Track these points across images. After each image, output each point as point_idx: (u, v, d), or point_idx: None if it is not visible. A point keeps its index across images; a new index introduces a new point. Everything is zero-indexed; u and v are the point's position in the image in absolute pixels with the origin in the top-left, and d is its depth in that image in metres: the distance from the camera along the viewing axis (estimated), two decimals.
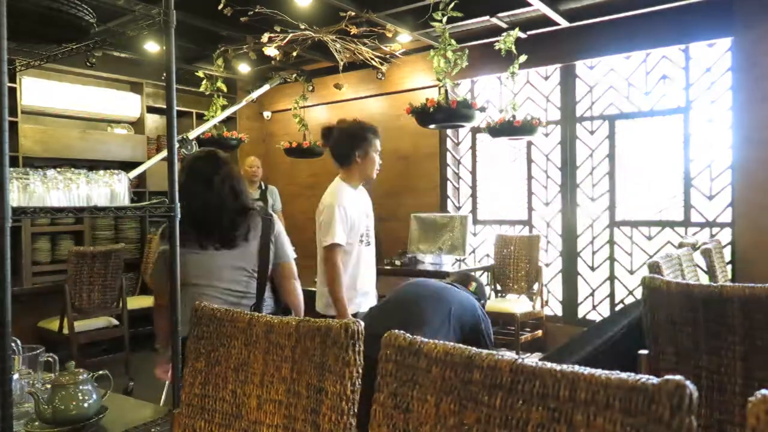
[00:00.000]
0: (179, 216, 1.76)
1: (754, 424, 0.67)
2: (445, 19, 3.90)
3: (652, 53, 4.72)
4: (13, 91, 4.99)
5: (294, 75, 4.97)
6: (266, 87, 4.82)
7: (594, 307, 5.06)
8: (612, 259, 4.95)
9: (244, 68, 5.84)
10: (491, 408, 0.89)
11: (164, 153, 3.71)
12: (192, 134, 3.83)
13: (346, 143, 2.75)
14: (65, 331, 4.19)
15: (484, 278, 5.63)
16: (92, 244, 5.51)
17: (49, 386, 1.49)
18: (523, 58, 4.43)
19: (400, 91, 5.83)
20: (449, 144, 5.83)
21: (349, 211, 2.65)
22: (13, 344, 1.47)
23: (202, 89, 5.26)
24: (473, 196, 5.74)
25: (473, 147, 5.72)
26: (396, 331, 1.06)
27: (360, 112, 6.28)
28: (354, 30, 4.46)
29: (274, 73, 4.78)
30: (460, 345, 0.97)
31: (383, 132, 6.71)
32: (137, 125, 6.10)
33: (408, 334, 1.05)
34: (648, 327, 1.76)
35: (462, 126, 4.76)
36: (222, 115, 4.75)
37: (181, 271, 1.76)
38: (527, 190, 5.37)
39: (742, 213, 4.24)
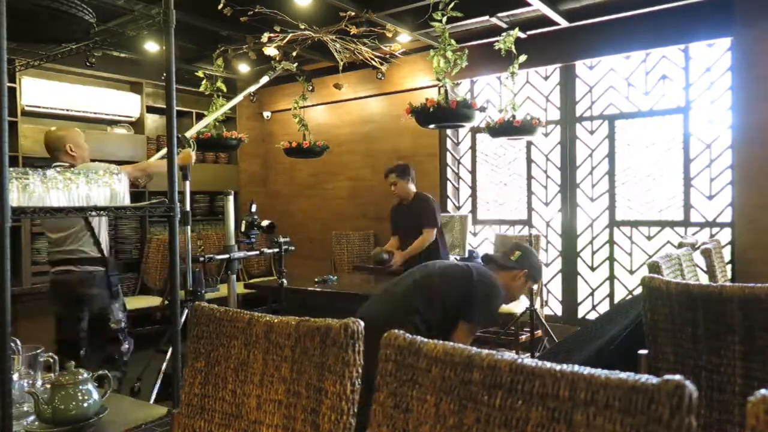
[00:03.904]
0: (179, 216, 1.76)
1: (753, 424, 0.67)
2: (444, 19, 3.89)
3: (652, 53, 4.72)
4: (13, 91, 4.98)
5: (295, 64, 4.91)
6: (265, 78, 4.80)
7: (594, 307, 5.06)
8: (612, 259, 4.95)
9: (244, 68, 5.84)
10: (491, 408, 0.89)
11: (163, 151, 3.70)
12: (189, 132, 3.82)
13: None
14: None
15: None
16: None
17: (49, 386, 1.49)
18: (522, 58, 4.43)
19: (400, 91, 5.83)
20: (449, 144, 5.83)
21: None
22: (12, 344, 1.47)
23: (202, 89, 5.26)
24: (473, 196, 5.74)
25: (473, 147, 5.72)
26: (396, 330, 1.06)
27: (360, 112, 6.30)
28: (354, 30, 4.46)
29: (275, 63, 4.74)
30: (460, 345, 0.97)
31: (383, 132, 6.72)
32: (137, 125, 6.10)
33: (408, 334, 1.05)
34: (648, 327, 1.76)
35: (462, 126, 4.76)
36: (219, 111, 4.72)
37: None
38: (527, 190, 5.37)
39: (741, 213, 4.24)
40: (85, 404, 1.45)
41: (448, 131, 5.73)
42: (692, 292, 1.65)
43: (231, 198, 3.80)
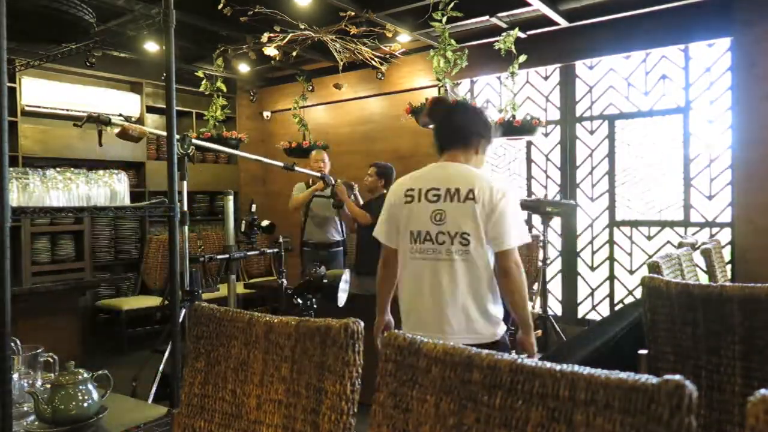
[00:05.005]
0: (179, 216, 1.77)
1: (753, 424, 0.67)
2: (444, 19, 3.90)
3: (652, 53, 4.72)
4: (13, 91, 4.98)
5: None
6: None
7: (594, 307, 5.06)
8: (612, 259, 4.95)
9: (243, 68, 5.84)
10: (491, 408, 0.89)
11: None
12: None
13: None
14: None
15: None
16: (92, 244, 5.51)
17: (49, 386, 1.49)
18: (522, 58, 4.43)
19: (399, 91, 5.83)
20: None
21: None
22: (12, 344, 1.47)
23: (202, 89, 5.26)
24: None
25: None
26: (396, 330, 1.06)
27: (360, 112, 6.29)
28: (354, 30, 4.46)
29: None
30: (460, 345, 0.97)
31: (383, 132, 6.72)
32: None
33: (408, 334, 1.05)
34: (647, 327, 1.76)
35: None
36: None
37: None
38: (527, 190, 5.37)
39: (741, 213, 4.24)
40: (85, 404, 1.45)
41: None
42: (692, 292, 1.65)
43: (231, 198, 3.79)
